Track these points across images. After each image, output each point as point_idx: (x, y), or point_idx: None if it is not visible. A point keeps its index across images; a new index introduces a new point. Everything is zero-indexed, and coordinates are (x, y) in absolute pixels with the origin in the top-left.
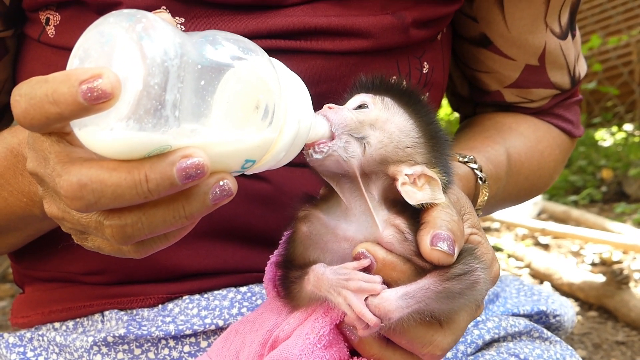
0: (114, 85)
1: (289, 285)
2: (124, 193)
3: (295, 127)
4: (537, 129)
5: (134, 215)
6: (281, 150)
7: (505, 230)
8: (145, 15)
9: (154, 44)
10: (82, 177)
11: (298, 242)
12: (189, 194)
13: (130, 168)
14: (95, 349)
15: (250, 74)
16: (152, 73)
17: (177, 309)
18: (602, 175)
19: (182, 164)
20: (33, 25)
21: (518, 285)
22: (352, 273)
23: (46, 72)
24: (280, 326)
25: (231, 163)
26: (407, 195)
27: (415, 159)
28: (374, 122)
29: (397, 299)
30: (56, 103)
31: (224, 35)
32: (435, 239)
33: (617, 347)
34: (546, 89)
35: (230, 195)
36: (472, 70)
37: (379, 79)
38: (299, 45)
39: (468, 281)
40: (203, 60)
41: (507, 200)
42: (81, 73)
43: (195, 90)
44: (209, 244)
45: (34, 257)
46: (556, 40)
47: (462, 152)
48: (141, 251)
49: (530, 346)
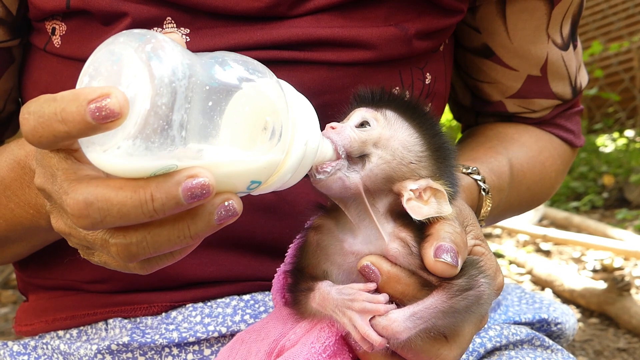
0: (121, 105)
1: (298, 294)
2: (129, 212)
3: (302, 148)
4: (539, 140)
5: (139, 234)
6: (288, 172)
7: (506, 236)
8: (155, 36)
9: (162, 64)
10: (88, 196)
11: (309, 252)
12: (194, 213)
13: (136, 187)
14: (99, 357)
15: (258, 96)
16: (160, 93)
17: (180, 317)
18: (603, 181)
19: (188, 184)
20: (39, 34)
21: (520, 293)
22: (357, 293)
23: (52, 81)
24: (286, 336)
25: (237, 183)
26: (413, 211)
27: (420, 173)
28: (377, 141)
29: (405, 320)
30: (64, 122)
31: (233, 56)
32: (439, 251)
33: (619, 354)
34: (548, 99)
35: (235, 216)
36: (475, 81)
37: (380, 92)
38: (303, 56)
39: (473, 297)
40: (211, 82)
41: (509, 211)
42: (90, 92)
43: (203, 111)
44: (213, 252)
45: (38, 265)
46: (558, 51)
47: (465, 163)
48: (147, 268)
49: (532, 354)
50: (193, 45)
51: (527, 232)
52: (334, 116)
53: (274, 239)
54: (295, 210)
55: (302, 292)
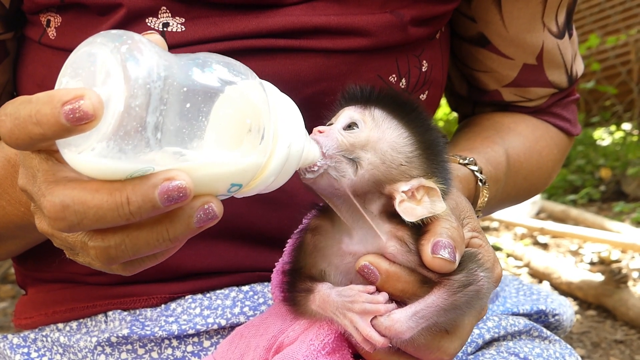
0: (95, 107)
1: (297, 295)
2: (105, 215)
3: (285, 151)
4: (536, 129)
5: (117, 237)
6: (270, 175)
7: (504, 229)
8: (132, 37)
9: (137, 65)
10: (64, 198)
11: (306, 253)
12: (173, 216)
13: (112, 190)
14: (99, 349)
15: (239, 98)
16: (134, 95)
17: (179, 309)
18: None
19: (165, 187)
20: (34, 27)
21: (517, 285)
22: (357, 295)
23: (47, 73)
24: (285, 332)
25: (217, 186)
26: (406, 213)
27: (411, 173)
28: (365, 144)
29: (407, 320)
30: (39, 124)
31: (215, 57)
32: (436, 247)
33: (616, 345)
34: (544, 87)
35: (215, 219)
36: (471, 70)
37: (368, 90)
38: (299, 44)
39: (473, 292)
40: (189, 83)
41: (506, 201)
42: (64, 94)
43: (180, 113)
44: (211, 243)
45: (36, 258)
46: (553, 39)
47: (462, 153)
48: (129, 269)
49: (530, 345)
50: (188, 35)
51: (524, 225)
52: (330, 104)
53: (272, 229)
54: (294, 201)
55: (301, 293)
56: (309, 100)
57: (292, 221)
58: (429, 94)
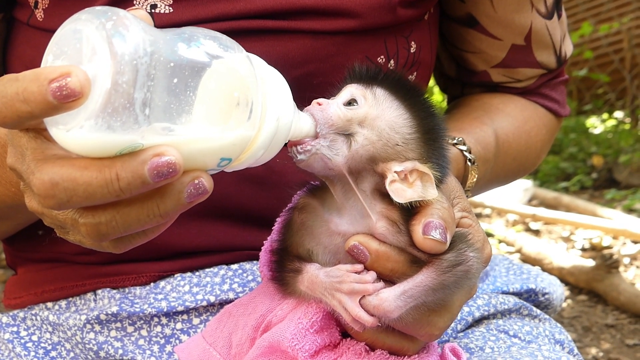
0: (82, 84)
1: (285, 275)
2: (95, 192)
3: (274, 124)
4: (524, 109)
5: (108, 213)
6: (260, 148)
7: (496, 216)
8: (117, 13)
9: (123, 42)
10: (54, 176)
11: (293, 231)
12: (163, 192)
13: (101, 167)
14: (88, 327)
15: (226, 71)
16: (121, 71)
17: (169, 287)
18: (592, 162)
19: (154, 163)
20: (22, 9)
21: (507, 264)
22: (345, 275)
23: (36, 55)
24: (273, 311)
25: (206, 161)
26: (396, 193)
27: (407, 155)
28: (363, 120)
29: (395, 299)
30: (26, 102)
31: (201, 31)
32: (427, 227)
33: (607, 330)
34: (532, 68)
35: (205, 194)
36: (459, 51)
37: (374, 70)
38: (287, 25)
39: (462, 272)
40: (176, 58)
41: (495, 181)
42: (50, 72)
43: (168, 89)
44: (201, 222)
45: (26, 238)
46: (542, 20)
47: (451, 133)
48: (120, 247)
49: (520, 323)
50: (176, 16)
51: (516, 212)
52: (319, 85)
53: (261, 209)
54: (283, 181)
55: (289, 273)
56: (297, 81)
57: (280, 201)
58: (417, 75)
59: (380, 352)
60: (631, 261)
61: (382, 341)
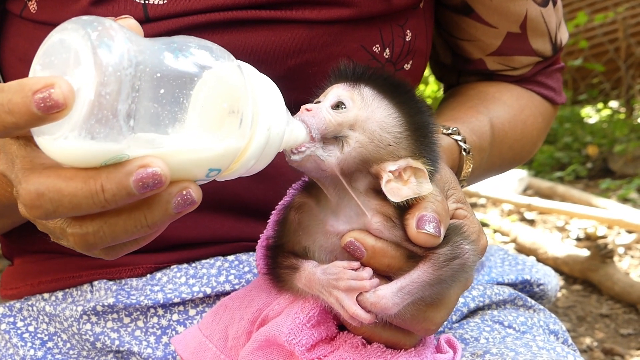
0: (66, 95)
1: (281, 272)
2: (80, 203)
3: (265, 134)
4: (520, 98)
5: (95, 224)
6: (250, 159)
7: (491, 206)
8: (102, 23)
9: (108, 52)
10: (39, 187)
11: (290, 231)
12: (150, 203)
13: (86, 178)
14: (84, 318)
15: (216, 82)
16: (104, 82)
17: (165, 278)
18: (587, 151)
19: (139, 174)
20: (15, 1)
21: (503, 255)
22: (341, 272)
23: (30, 47)
24: (270, 305)
25: (195, 171)
26: (392, 193)
27: (399, 154)
28: (353, 124)
29: (393, 296)
30: (11, 113)
31: (191, 41)
32: (421, 221)
33: (601, 319)
34: (528, 56)
35: (193, 204)
36: (455, 39)
37: (359, 68)
38: (282, 15)
39: (458, 265)
40: (163, 69)
41: (490, 170)
42: (34, 83)
43: (154, 99)
44: (197, 214)
45: (22, 229)
46: (537, 7)
47: (446, 123)
48: (111, 254)
49: (515, 314)
50: (170, 8)
51: (511, 202)
52: (314, 75)
53: (258, 200)
54: (280, 173)
55: (286, 270)
56: (292, 71)
57: (277, 193)
58: (413, 63)
59: (376, 345)
60: (626, 251)
61: (379, 335)
